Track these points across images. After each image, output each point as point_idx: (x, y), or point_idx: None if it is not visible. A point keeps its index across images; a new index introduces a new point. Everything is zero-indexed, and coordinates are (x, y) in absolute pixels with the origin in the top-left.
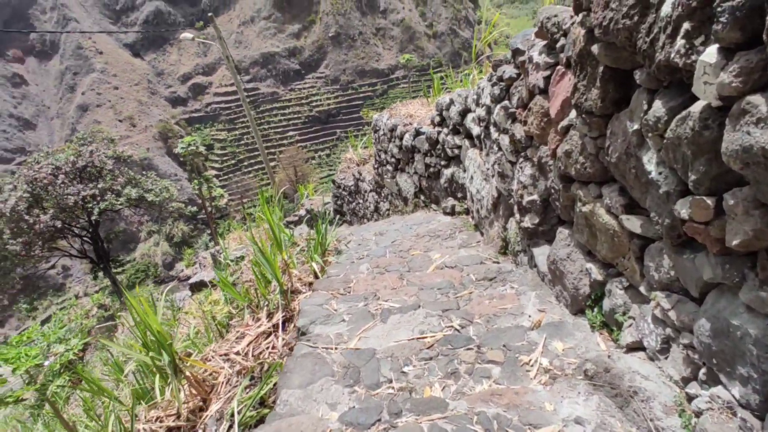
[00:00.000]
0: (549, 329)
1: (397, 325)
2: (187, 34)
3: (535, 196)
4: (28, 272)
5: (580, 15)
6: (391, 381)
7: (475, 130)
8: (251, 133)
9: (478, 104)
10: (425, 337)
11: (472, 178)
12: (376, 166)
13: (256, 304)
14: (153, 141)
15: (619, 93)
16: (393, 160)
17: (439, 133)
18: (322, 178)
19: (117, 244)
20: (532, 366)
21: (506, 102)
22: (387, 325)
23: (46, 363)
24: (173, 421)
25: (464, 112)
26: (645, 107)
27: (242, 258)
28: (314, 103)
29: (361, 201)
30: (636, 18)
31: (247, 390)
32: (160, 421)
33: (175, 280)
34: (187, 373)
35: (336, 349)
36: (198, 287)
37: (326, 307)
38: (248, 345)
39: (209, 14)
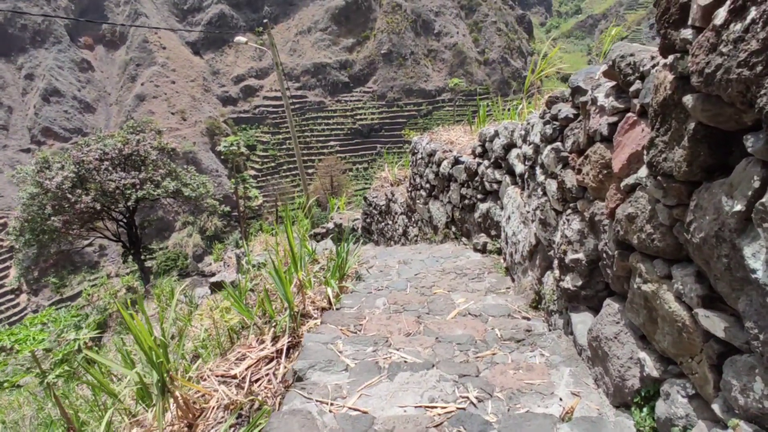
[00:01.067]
0: (584, 425)
1: (404, 385)
2: (240, 38)
3: (581, 255)
4: (64, 248)
5: (671, 57)
6: None
7: (519, 167)
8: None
9: (525, 141)
10: (435, 407)
11: (509, 218)
12: (409, 190)
13: (265, 321)
14: (200, 136)
15: (714, 158)
16: (428, 186)
17: (479, 164)
18: (356, 191)
19: (152, 230)
20: None
21: (558, 144)
22: (394, 383)
23: (69, 338)
24: None
25: (509, 147)
26: (756, 185)
27: (264, 264)
28: (358, 116)
29: (390, 222)
30: (760, 68)
31: (233, 430)
32: None
33: (198, 275)
34: (177, 394)
35: (331, 405)
36: (218, 286)
37: (331, 347)
38: (247, 369)
39: (265, 20)
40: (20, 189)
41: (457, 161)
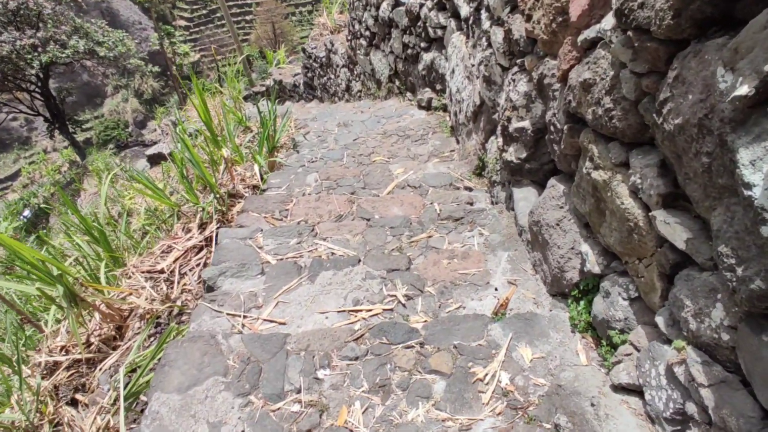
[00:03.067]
0: (517, 324)
1: (327, 287)
2: None
3: (527, 124)
4: None
5: None
6: (299, 390)
7: (464, 9)
8: None
9: None
10: (360, 310)
11: (453, 71)
12: (349, 38)
13: (192, 206)
14: None
15: (716, 6)
16: (368, 33)
17: (421, 6)
18: (302, 38)
19: (82, 98)
20: (487, 385)
21: None
22: (315, 285)
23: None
24: (80, 352)
25: None
26: None
27: (200, 133)
28: None
29: (332, 76)
30: None
31: (150, 340)
32: (66, 352)
33: (138, 145)
34: (98, 302)
35: (244, 318)
36: (157, 159)
37: (249, 244)
38: (175, 261)
39: None
40: None
41: (397, 2)
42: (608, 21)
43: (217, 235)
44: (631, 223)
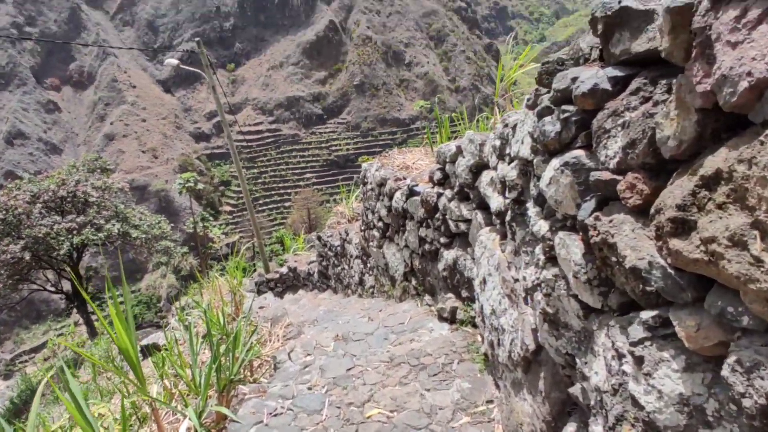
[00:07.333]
0: None
1: None
2: (171, 60)
3: None
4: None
5: None
6: None
7: (495, 201)
8: (269, 173)
9: (502, 156)
10: None
11: (484, 281)
12: (362, 228)
13: None
14: (172, 173)
15: None
16: (381, 224)
17: (439, 195)
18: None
19: (126, 273)
20: None
21: (579, 154)
22: None
23: None
24: None
25: (478, 169)
26: None
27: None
28: (333, 148)
29: (346, 267)
30: None
31: None
32: None
33: (153, 326)
34: None
35: None
36: (156, 348)
37: None
38: None
39: (197, 39)
40: None
41: (412, 192)
42: None
43: None
44: None
